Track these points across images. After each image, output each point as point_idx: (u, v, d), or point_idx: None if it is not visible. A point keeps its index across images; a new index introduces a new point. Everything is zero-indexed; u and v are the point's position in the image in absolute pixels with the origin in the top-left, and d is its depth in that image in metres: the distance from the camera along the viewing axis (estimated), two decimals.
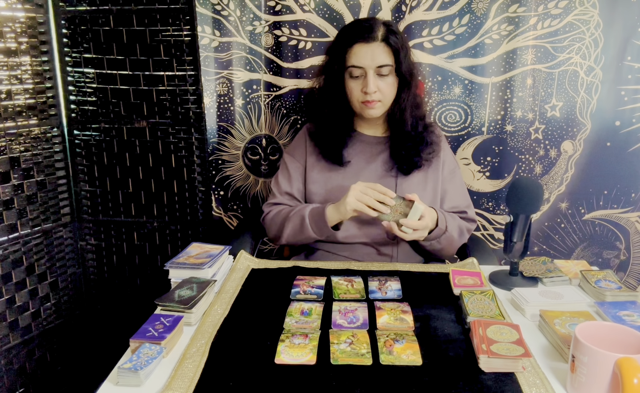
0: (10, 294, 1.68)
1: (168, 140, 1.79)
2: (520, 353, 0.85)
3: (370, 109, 1.37)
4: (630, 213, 1.75)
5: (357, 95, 1.36)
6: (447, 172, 1.46)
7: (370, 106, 1.36)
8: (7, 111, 1.64)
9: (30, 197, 1.72)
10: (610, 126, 1.69)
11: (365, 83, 1.33)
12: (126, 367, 0.83)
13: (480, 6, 1.61)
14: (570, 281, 1.20)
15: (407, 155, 1.39)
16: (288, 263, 1.32)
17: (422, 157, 1.40)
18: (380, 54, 1.32)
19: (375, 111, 1.38)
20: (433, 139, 1.42)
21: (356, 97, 1.37)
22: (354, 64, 1.33)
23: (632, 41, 1.62)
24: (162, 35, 1.70)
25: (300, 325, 0.99)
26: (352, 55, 1.34)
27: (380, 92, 1.35)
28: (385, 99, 1.37)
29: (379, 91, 1.34)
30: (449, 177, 1.46)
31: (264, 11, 1.68)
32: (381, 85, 1.34)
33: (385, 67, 1.33)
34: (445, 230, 1.34)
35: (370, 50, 1.32)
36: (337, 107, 1.41)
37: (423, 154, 1.40)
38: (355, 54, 1.33)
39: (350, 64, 1.34)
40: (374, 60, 1.32)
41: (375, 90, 1.33)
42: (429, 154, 1.41)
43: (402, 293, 1.14)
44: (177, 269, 1.16)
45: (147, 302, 1.09)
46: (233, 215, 1.87)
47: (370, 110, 1.37)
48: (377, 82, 1.34)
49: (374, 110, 1.37)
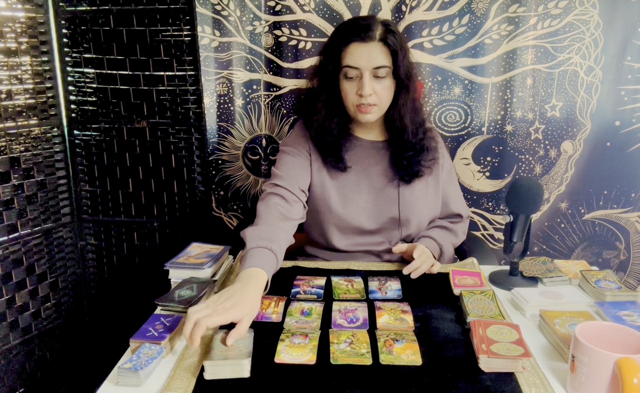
0: (10, 294, 1.68)
1: (168, 140, 1.79)
2: (520, 353, 0.85)
3: (365, 114, 1.28)
4: (630, 214, 1.75)
5: (352, 98, 1.28)
6: (445, 173, 1.43)
7: (365, 111, 1.27)
8: (7, 111, 1.64)
9: (30, 197, 1.72)
10: (610, 126, 1.69)
11: (361, 85, 1.24)
12: (126, 367, 0.83)
13: (480, 6, 1.61)
14: (570, 281, 1.20)
15: (408, 164, 1.34)
16: (288, 263, 1.32)
17: (423, 166, 1.35)
18: (377, 55, 1.24)
19: (370, 116, 1.29)
20: (432, 145, 1.38)
21: (351, 100, 1.28)
22: (349, 64, 1.25)
23: (632, 41, 1.62)
24: (162, 35, 1.70)
25: (300, 325, 0.99)
26: (348, 54, 1.25)
27: (377, 95, 1.26)
28: (382, 103, 1.29)
29: (375, 94, 1.26)
30: (448, 178, 1.44)
31: (264, 11, 1.68)
32: (377, 88, 1.26)
33: (383, 68, 1.24)
34: (441, 254, 1.36)
35: (367, 50, 1.24)
36: (332, 113, 1.33)
37: (424, 162, 1.35)
38: (351, 53, 1.25)
39: (346, 63, 1.25)
40: (371, 61, 1.24)
41: (370, 92, 1.25)
42: (429, 161, 1.37)
43: (402, 293, 1.14)
44: (177, 269, 1.16)
45: (147, 302, 1.09)
46: (233, 215, 1.87)
47: (365, 115, 1.28)
48: (373, 85, 1.25)
49: (369, 115, 1.29)
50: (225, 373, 0.83)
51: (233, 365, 0.83)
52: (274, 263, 1.11)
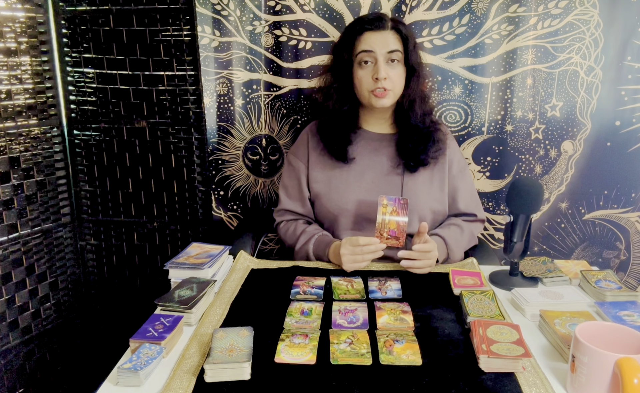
0: (10, 294, 1.68)
1: (168, 140, 1.79)
2: (520, 353, 0.85)
3: (381, 99, 1.34)
4: (630, 214, 1.75)
5: (367, 84, 1.34)
6: (456, 170, 1.45)
7: (380, 95, 1.33)
8: (7, 111, 1.64)
9: (30, 197, 1.72)
10: (610, 126, 1.68)
11: (376, 70, 1.31)
12: (126, 367, 0.83)
13: (480, 6, 1.61)
14: (571, 281, 1.20)
15: (414, 150, 1.38)
16: (288, 263, 1.32)
17: (428, 155, 1.39)
18: (390, 40, 1.32)
19: (385, 100, 1.35)
20: (440, 137, 1.41)
21: (366, 87, 1.35)
22: (364, 49, 1.32)
23: (632, 41, 1.61)
24: (162, 35, 1.70)
25: (300, 325, 0.99)
26: (362, 41, 1.33)
27: (390, 80, 1.33)
28: (395, 88, 1.35)
29: (389, 79, 1.33)
30: (460, 175, 1.45)
31: (264, 11, 1.68)
32: (391, 73, 1.33)
33: (396, 52, 1.32)
34: (448, 257, 1.37)
35: (380, 36, 1.32)
36: (343, 101, 1.40)
37: (430, 151, 1.39)
38: (366, 39, 1.33)
39: (361, 49, 1.33)
40: (385, 45, 1.32)
41: (385, 76, 1.31)
42: (435, 152, 1.40)
43: (402, 293, 1.14)
44: (177, 269, 1.16)
45: (147, 302, 1.09)
46: (233, 215, 1.87)
47: (380, 100, 1.34)
48: (387, 70, 1.32)
49: (385, 99, 1.34)
50: (225, 376, 0.83)
51: (233, 368, 0.83)
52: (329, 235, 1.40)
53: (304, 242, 1.38)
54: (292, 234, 1.44)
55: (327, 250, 1.33)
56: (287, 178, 1.50)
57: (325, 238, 1.37)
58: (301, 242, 1.39)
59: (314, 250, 1.36)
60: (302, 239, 1.39)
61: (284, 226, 1.49)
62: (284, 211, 1.50)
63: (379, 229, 1.22)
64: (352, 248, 1.23)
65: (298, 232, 1.42)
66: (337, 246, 1.29)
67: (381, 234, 1.22)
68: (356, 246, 1.22)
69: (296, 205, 1.48)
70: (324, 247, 1.34)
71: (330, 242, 1.34)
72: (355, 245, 1.22)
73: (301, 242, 1.39)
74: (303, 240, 1.39)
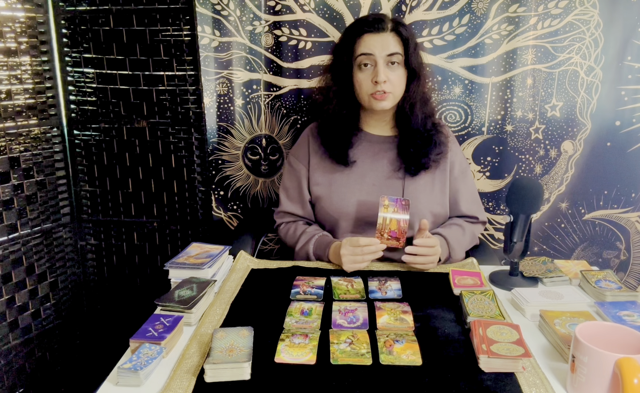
0: (10, 294, 1.68)
1: (168, 140, 1.79)
2: (520, 353, 0.85)
3: (380, 101, 1.33)
4: (630, 214, 1.75)
5: (367, 87, 1.33)
6: (458, 172, 1.44)
7: (380, 98, 1.32)
8: (7, 111, 1.64)
9: (30, 197, 1.72)
10: (610, 126, 1.68)
11: (376, 73, 1.30)
12: (126, 367, 0.83)
13: (480, 6, 1.61)
14: (570, 281, 1.20)
15: (415, 154, 1.37)
16: (288, 263, 1.32)
17: (430, 158, 1.37)
18: (390, 43, 1.31)
19: (385, 103, 1.34)
20: (441, 140, 1.40)
21: (365, 90, 1.34)
22: (363, 52, 1.31)
23: (632, 41, 1.61)
24: (162, 35, 1.70)
25: (300, 325, 0.99)
26: (362, 44, 1.32)
27: (391, 83, 1.32)
28: (395, 91, 1.34)
29: (389, 82, 1.31)
30: (461, 177, 1.45)
31: (264, 11, 1.68)
32: (391, 76, 1.32)
33: (396, 55, 1.31)
34: (449, 257, 1.36)
35: (380, 38, 1.31)
36: (343, 104, 1.39)
37: (431, 155, 1.38)
38: (365, 42, 1.31)
39: (360, 52, 1.31)
40: (384, 48, 1.30)
41: (385, 79, 1.30)
42: (437, 155, 1.39)
43: (402, 293, 1.14)
44: (177, 269, 1.16)
45: (147, 302, 1.09)
46: (233, 215, 1.87)
47: (380, 103, 1.33)
48: (387, 73, 1.31)
49: (384, 102, 1.33)
50: (225, 376, 0.83)
51: (233, 368, 0.83)
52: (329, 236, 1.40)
53: (304, 243, 1.38)
54: (293, 235, 1.44)
55: (327, 250, 1.33)
56: (287, 180, 1.50)
57: (326, 239, 1.37)
58: (301, 242, 1.39)
59: (314, 250, 1.36)
60: (303, 240, 1.39)
61: (284, 227, 1.49)
62: (284, 213, 1.50)
63: (380, 229, 1.22)
64: (353, 249, 1.23)
65: (298, 233, 1.42)
66: (337, 246, 1.29)
67: (382, 234, 1.22)
68: (356, 246, 1.22)
69: (296, 208, 1.47)
70: (324, 248, 1.34)
71: (331, 242, 1.34)
72: (355, 246, 1.23)
73: (301, 242, 1.39)
74: (303, 240, 1.39)
